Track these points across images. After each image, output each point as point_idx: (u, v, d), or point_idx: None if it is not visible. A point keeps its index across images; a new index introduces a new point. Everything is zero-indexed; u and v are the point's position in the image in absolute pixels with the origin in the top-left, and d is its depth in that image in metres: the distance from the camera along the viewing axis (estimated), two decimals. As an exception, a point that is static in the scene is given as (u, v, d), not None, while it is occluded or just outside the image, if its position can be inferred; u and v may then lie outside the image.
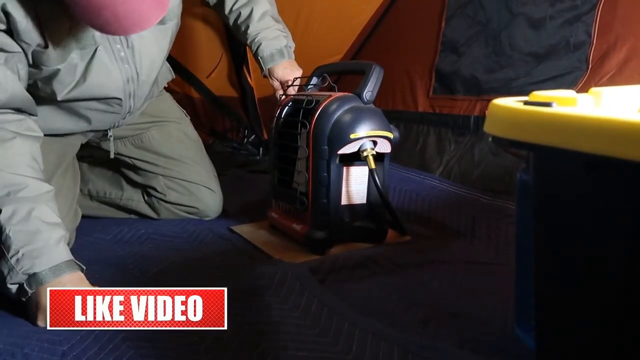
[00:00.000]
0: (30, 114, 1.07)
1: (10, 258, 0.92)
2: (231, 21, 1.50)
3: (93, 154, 1.55)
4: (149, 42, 1.26)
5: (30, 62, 1.09)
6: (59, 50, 1.10)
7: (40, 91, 1.16)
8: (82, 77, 1.17)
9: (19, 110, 1.04)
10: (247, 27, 1.46)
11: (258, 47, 1.45)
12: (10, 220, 0.93)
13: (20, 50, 1.05)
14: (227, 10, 1.49)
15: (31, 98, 1.07)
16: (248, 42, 1.47)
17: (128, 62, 1.23)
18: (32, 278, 0.92)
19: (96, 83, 1.19)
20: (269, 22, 1.47)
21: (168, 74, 1.54)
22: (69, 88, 1.17)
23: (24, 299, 0.93)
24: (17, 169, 0.98)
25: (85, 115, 1.28)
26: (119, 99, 1.26)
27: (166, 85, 1.60)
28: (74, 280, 0.94)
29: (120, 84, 1.24)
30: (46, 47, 1.08)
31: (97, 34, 1.14)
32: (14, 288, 0.93)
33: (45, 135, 1.11)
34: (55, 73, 1.13)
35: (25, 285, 0.92)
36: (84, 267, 0.99)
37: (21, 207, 0.95)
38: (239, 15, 1.48)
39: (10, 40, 1.03)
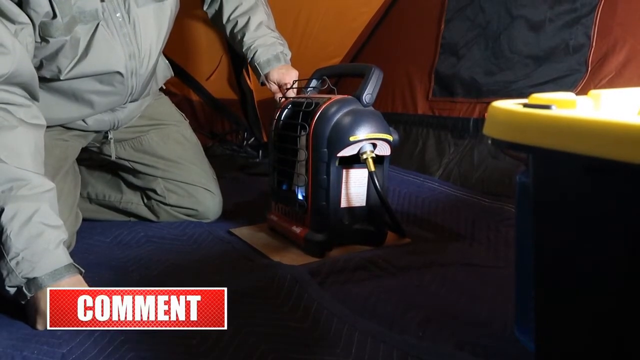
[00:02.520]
0: (34, 97, 1.06)
1: (10, 260, 0.91)
2: (228, 30, 1.52)
3: (92, 156, 1.56)
4: (149, 20, 1.27)
5: (38, 37, 1.10)
6: (66, 20, 1.12)
7: (45, 70, 1.17)
8: (84, 52, 1.18)
9: (24, 89, 1.03)
10: (243, 35, 1.48)
11: (254, 54, 1.47)
12: (11, 221, 0.92)
13: (29, 21, 1.06)
14: (224, 19, 1.51)
15: (36, 74, 1.07)
16: (244, 50, 1.49)
17: (129, 37, 1.24)
18: (31, 282, 0.91)
19: (99, 57, 1.20)
20: (265, 31, 1.49)
21: (167, 71, 1.55)
22: (72, 63, 1.18)
23: (22, 302, 0.92)
24: (21, 161, 0.96)
25: (88, 99, 1.27)
26: (121, 75, 1.26)
27: (164, 87, 1.60)
28: (73, 284, 0.94)
29: (122, 59, 1.24)
30: (54, 17, 1.10)
31: (100, 8, 1.17)
32: (12, 290, 0.92)
33: (48, 126, 1.11)
34: (62, 47, 1.14)
35: (24, 288, 0.91)
36: (83, 270, 0.99)
37: (23, 207, 0.94)
38: (236, 24, 1.50)
39: (19, 10, 1.04)
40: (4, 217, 0.92)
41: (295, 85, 1.42)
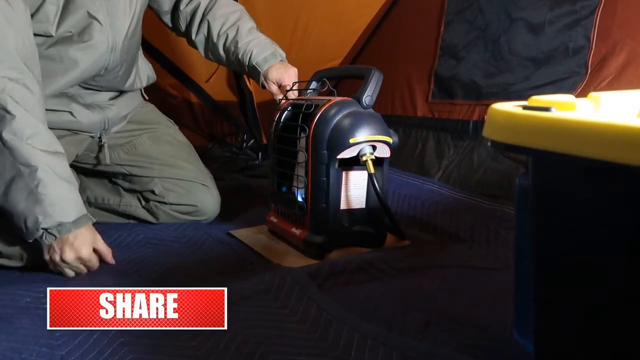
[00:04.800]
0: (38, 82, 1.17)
1: (48, 206, 1.09)
2: (220, 46, 1.53)
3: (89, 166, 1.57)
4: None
5: None
6: None
7: (37, 26, 1.21)
8: (65, 2, 1.24)
9: (31, 70, 1.14)
10: (237, 43, 1.49)
11: (250, 55, 1.47)
12: (47, 174, 1.09)
13: None
14: (215, 37, 1.53)
15: (35, 48, 1.16)
16: (240, 56, 1.49)
17: None
18: (62, 225, 1.10)
19: (80, 3, 1.26)
20: (257, 34, 1.51)
21: (150, 71, 1.61)
22: (58, 14, 1.24)
23: (47, 241, 1.11)
24: (41, 117, 1.13)
25: (72, 57, 1.30)
26: (99, 22, 1.30)
27: (146, 98, 1.65)
28: (90, 230, 1.16)
29: (100, 10, 1.30)
30: None
31: None
32: (43, 232, 1.10)
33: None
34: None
35: (54, 231, 1.10)
36: (94, 220, 1.19)
37: (53, 164, 1.11)
38: (227, 37, 1.51)
39: None
40: (40, 172, 1.09)
41: (295, 87, 1.42)
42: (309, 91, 1.39)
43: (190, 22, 1.57)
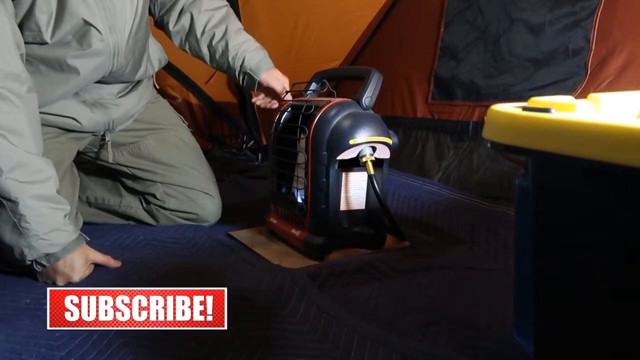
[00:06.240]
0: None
1: (31, 240, 1.07)
2: (205, 44, 1.50)
3: (90, 161, 1.55)
4: None
5: None
6: None
7: (26, 31, 1.16)
8: (59, 8, 1.18)
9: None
10: (227, 44, 1.47)
11: (243, 59, 1.46)
12: (28, 209, 1.05)
13: None
14: (199, 33, 1.49)
15: (20, 61, 1.09)
16: (230, 59, 1.47)
17: None
18: (50, 255, 1.09)
19: (72, 11, 1.19)
20: (246, 36, 1.49)
21: (161, 53, 1.54)
22: (52, 22, 1.18)
23: (37, 268, 1.11)
24: (27, 144, 1.06)
25: (72, 65, 1.24)
26: (99, 31, 1.23)
27: (157, 87, 1.61)
28: (82, 253, 1.13)
29: (97, 14, 1.22)
30: None
31: None
32: (30, 262, 1.09)
33: (43, 125, 1.17)
34: (34, 1, 1.14)
35: (43, 261, 1.09)
36: (88, 239, 1.17)
37: (35, 194, 1.06)
38: (213, 35, 1.48)
39: None
40: (21, 207, 1.05)
41: (290, 89, 1.43)
42: (308, 92, 1.39)
43: (168, 11, 1.52)
